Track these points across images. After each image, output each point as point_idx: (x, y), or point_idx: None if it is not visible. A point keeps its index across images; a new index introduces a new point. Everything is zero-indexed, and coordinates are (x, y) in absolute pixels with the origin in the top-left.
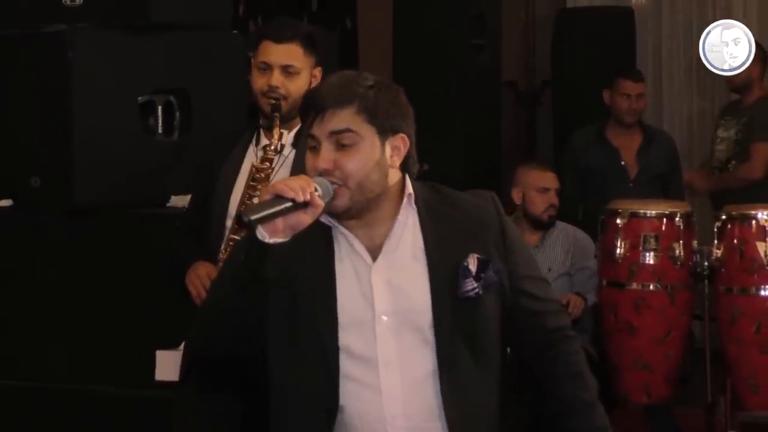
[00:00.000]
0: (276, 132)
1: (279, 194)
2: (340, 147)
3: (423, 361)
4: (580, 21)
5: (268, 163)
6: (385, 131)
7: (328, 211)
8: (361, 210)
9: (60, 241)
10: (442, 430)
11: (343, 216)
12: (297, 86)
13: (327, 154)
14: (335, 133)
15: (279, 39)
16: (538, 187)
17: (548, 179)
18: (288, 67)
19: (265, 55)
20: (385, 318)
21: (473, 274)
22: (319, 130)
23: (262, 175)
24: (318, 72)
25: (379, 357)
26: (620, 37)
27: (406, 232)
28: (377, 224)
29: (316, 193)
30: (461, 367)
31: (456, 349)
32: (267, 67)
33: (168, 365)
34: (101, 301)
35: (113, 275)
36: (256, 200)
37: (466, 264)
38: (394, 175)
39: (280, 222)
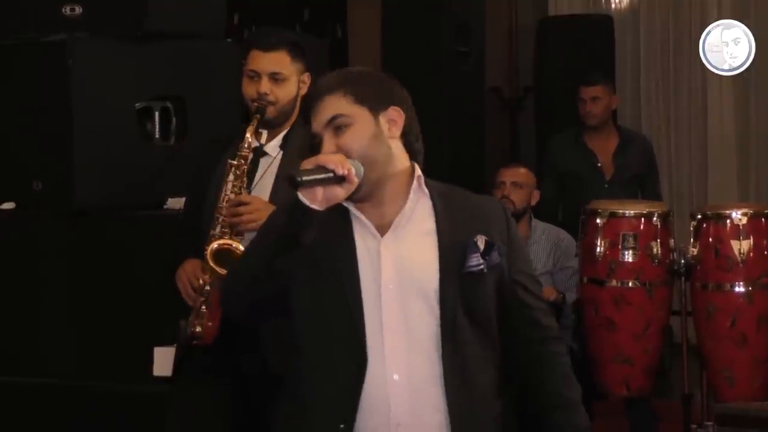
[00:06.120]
0: (250, 130)
1: (321, 165)
2: (337, 132)
3: (426, 328)
4: (561, 28)
5: (243, 161)
6: (374, 107)
7: None
8: (372, 190)
9: (60, 243)
10: (440, 395)
11: (355, 196)
12: (285, 92)
13: (329, 142)
14: (329, 121)
15: (266, 48)
16: (496, 181)
17: (505, 174)
18: (275, 74)
19: (253, 63)
20: (390, 286)
21: (480, 251)
22: (317, 123)
23: (238, 171)
24: (307, 78)
25: (384, 322)
26: (600, 43)
27: (417, 213)
28: (387, 203)
29: (352, 171)
30: (462, 337)
31: (458, 319)
32: (256, 75)
33: (165, 361)
34: (101, 299)
35: (112, 275)
36: (232, 196)
37: (474, 241)
38: (400, 153)
39: (320, 191)
